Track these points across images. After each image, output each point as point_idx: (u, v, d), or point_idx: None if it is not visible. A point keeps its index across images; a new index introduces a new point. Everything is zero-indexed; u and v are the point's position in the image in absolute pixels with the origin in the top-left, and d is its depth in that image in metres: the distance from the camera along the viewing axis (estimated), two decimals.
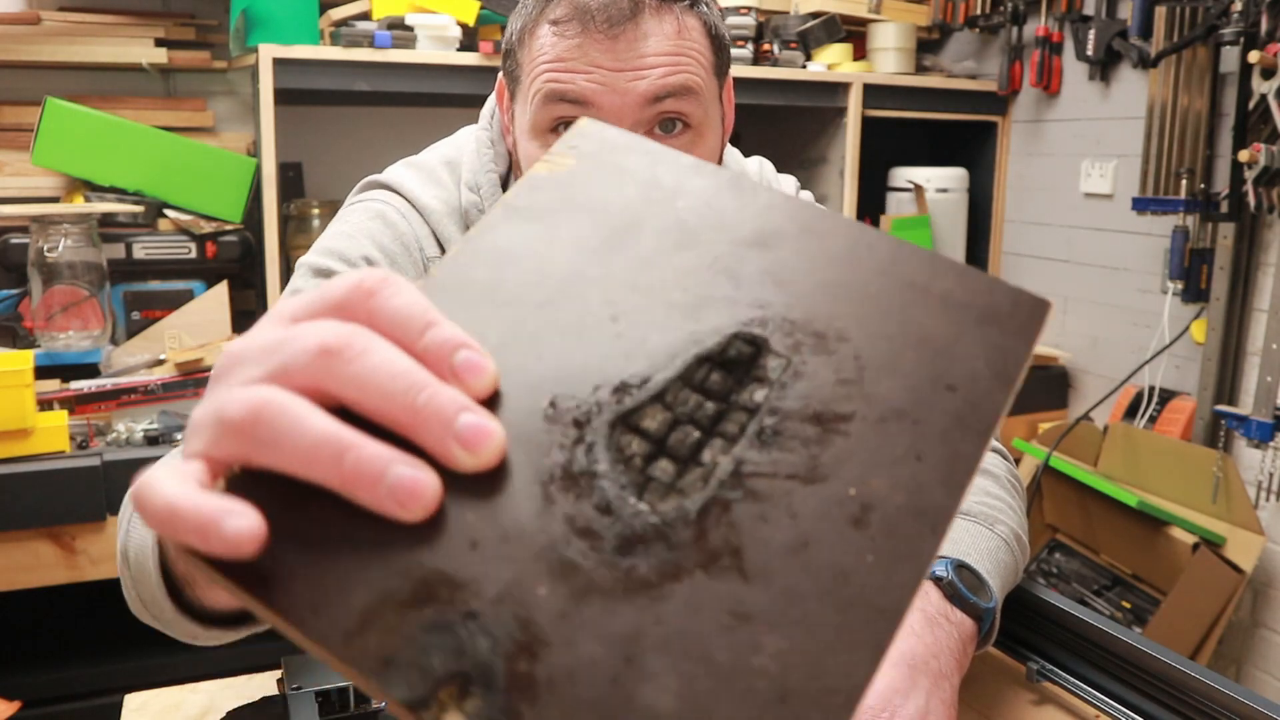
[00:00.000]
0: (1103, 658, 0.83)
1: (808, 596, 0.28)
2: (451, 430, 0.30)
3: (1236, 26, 2.00)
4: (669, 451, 0.31)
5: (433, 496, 0.29)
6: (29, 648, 1.99)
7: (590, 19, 0.77)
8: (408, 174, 0.94)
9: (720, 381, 0.33)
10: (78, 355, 1.91)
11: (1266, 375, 2.03)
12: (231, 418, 0.30)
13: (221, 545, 0.28)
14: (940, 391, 0.32)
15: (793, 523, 0.29)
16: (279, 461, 0.30)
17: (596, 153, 0.39)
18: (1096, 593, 2.17)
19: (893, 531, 0.29)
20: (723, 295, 0.35)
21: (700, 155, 0.84)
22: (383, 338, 0.31)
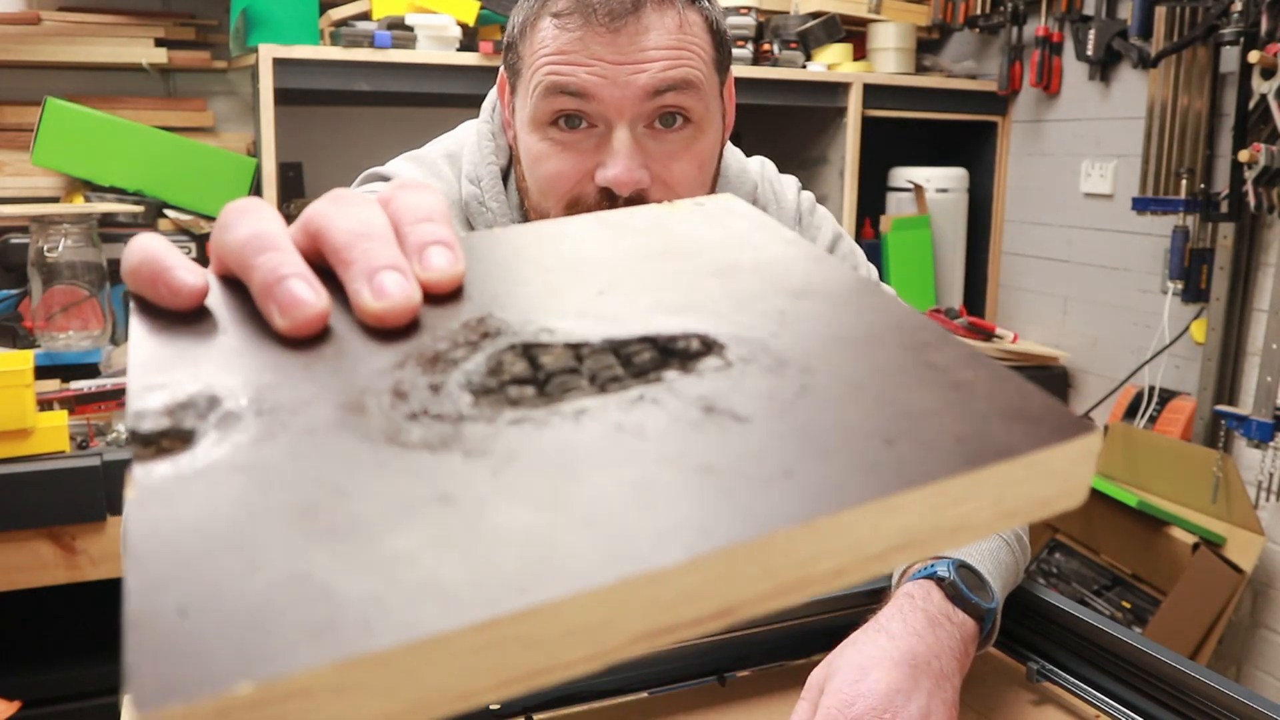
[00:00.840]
0: (1103, 658, 0.83)
1: (511, 511, 0.24)
2: (372, 276, 0.31)
3: (1236, 26, 2.00)
4: (544, 385, 0.30)
5: (308, 315, 0.30)
6: (29, 648, 1.99)
7: (592, 12, 0.78)
8: (408, 167, 0.94)
9: (648, 360, 0.31)
10: (78, 355, 1.91)
11: (1266, 375, 2.03)
12: (221, 211, 0.34)
13: (166, 290, 0.32)
14: (872, 440, 0.27)
15: (587, 455, 0.26)
16: (222, 248, 0.33)
17: (713, 212, 0.40)
18: (1096, 593, 2.17)
19: (689, 499, 0.25)
20: (717, 311, 0.33)
21: (700, 149, 0.84)
22: (383, 211, 0.34)
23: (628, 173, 0.79)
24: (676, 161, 0.82)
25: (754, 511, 0.24)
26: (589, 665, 0.23)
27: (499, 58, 2.19)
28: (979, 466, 0.26)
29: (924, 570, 0.79)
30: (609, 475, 0.25)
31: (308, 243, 0.33)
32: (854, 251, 1.04)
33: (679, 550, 0.23)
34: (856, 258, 1.03)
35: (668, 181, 0.82)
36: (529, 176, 0.85)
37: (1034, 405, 0.28)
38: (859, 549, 0.25)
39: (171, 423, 0.27)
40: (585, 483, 0.25)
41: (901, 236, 2.62)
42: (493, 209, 0.89)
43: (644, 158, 0.81)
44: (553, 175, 0.82)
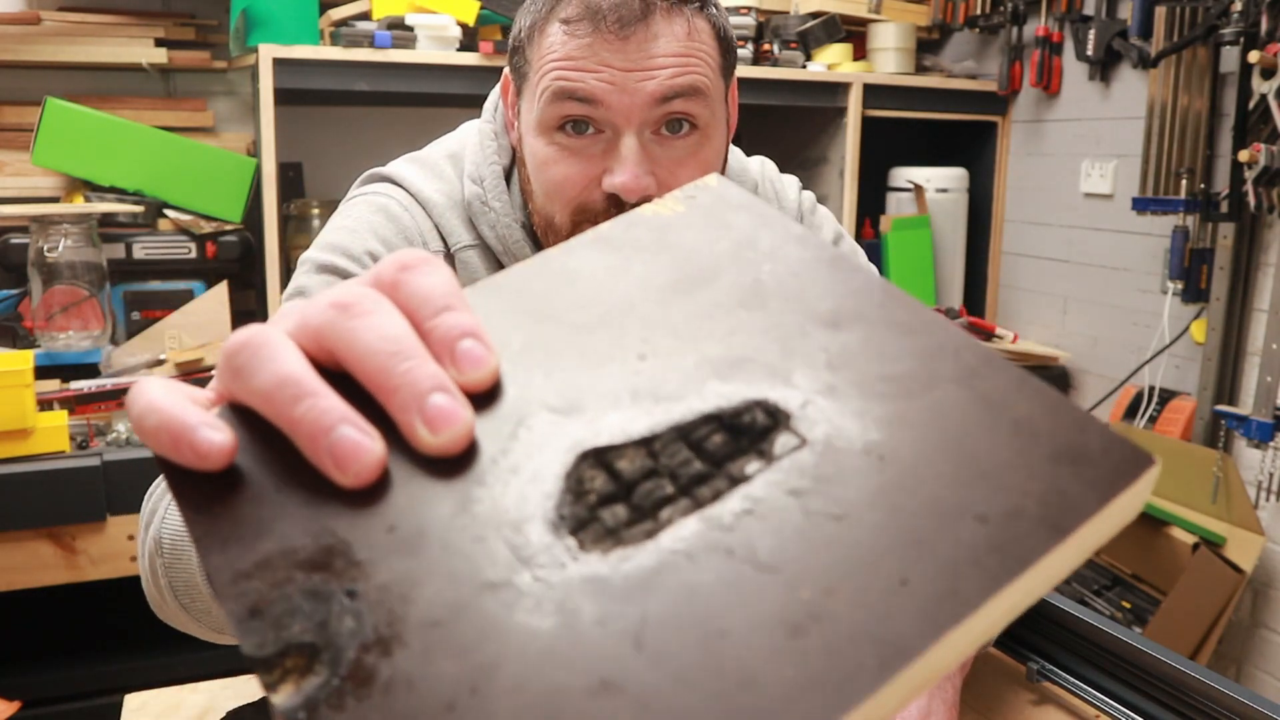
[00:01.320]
0: (1103, 658, 0.83)
1: (696, 688, 0.24)
2: (421, 404, 0.29)
3: (1236, 26, 2.00)
4: (631, 499, 0.29)
5: (370, 465, 0.29)
6: (29, 648, 1.99)
7: (601, 19, 0.77)
8: (410, 168, 0.94)
9: (720, 444, 0.30)
10: (78, 355, 1.91)
11: (1266, 375, 2.03)
12: (225, 347, 0.31)
13: (191, 453, 0.29)
14: (965, 520, 0.27)
15: (723, 607, 0.26)
16: (247, 393, 0.31)
17: (709, 206, 0.39)
18: (1096, 593, 2.17)
19: (831, 652, 0.25)
20: (765, 361, 0.32)
21: (706, 155, 0.84)
22: (396, 308, 0.32)
23: (635, 180, 0.79)
24: (683, 168, 0.82)
25: (889, 643, 0.25)
26: None
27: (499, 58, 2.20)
28: (1066, 535, 0.27)
29: None
30: (744, 619, 0.26)
31: (327, 359, 0.31)
32: (855, 251, 1.04)
33: (843, 705, 0.24)
34: (857, 257, 1.03)
35: (673, 188, 0.82)
36: (535, 180, 0.85)
37: (1094, 441, 0.29)
38: (974, 639, 0.26)
39: (284, 639, 0.26)
40: (728, 636, 0.25)
41: (901, 236, 2.62)
42: (495, 209, 0.89)
43: (651, 164, 0.81)
44: (560, 181, 0.82)
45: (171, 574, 0.63)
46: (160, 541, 0.64)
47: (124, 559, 1.74)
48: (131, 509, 1.72)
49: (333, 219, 0.92)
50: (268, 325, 0.32)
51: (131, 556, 1.74)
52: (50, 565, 1.70)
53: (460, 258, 0.90)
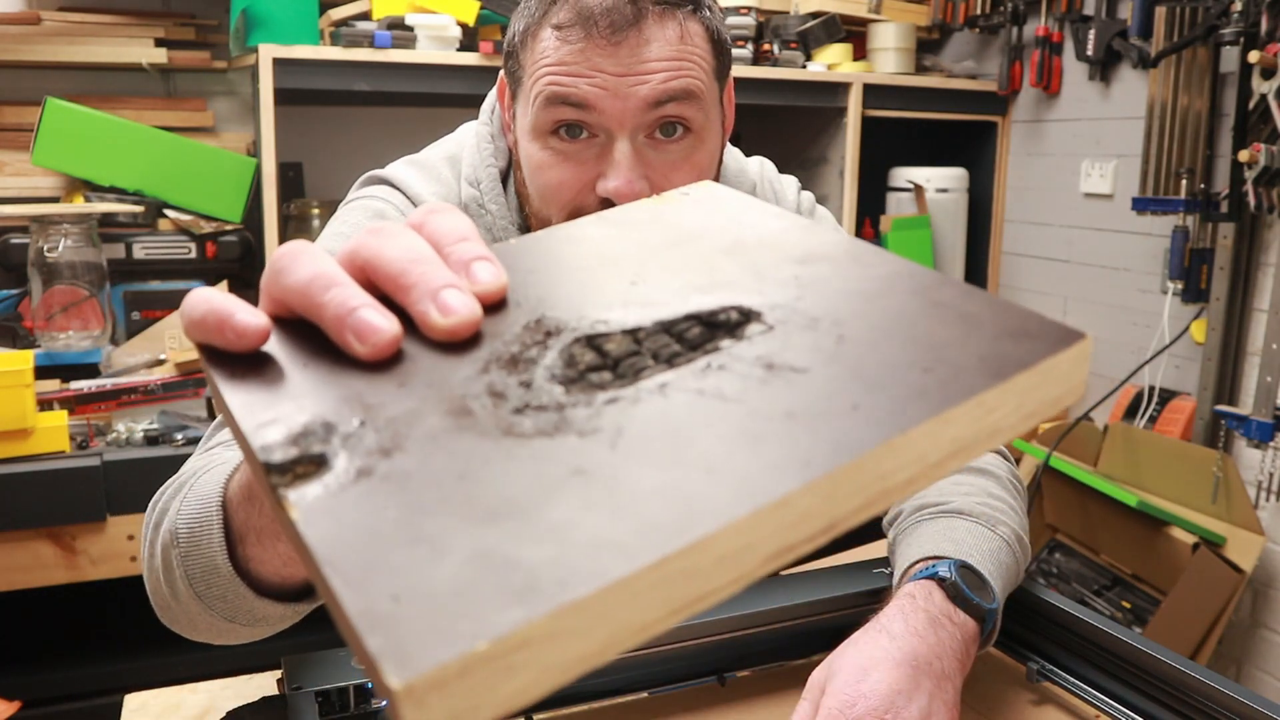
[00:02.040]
0: (1103, 658, 0.83)
1: (659, 471, 0.28)
2: (434, 295, 0.34)
3: (1236, 26, 2.00)
4: (615, 368, 0.33)
5: (387, 338, 0.33)
6: (29, 648, 1.99)
7: (593, 24, 0.78)
8: (408, 170, 0.94)
9: (699, 334, 0.35)
10: (78, 355, 1.91)
11: (1266, 375, 2.03)
12: (272, 256, 0.37)
13: (232, 333, 0.34)
14: (914, 370, 0.32)
15: (687, 419, 0.30)
16: (283, 290, 0.35)
17: (701, 199, 0.44)
18: (1096, 593, 2.17)
19: (787, 447, 0.29)
20: (742, 285, 0.37)
21: (700, 158, 0.84)
22: (420, 237, 0.37)
23: (628, 184, 0.79)
24: (676, 171, 0.82)
25: (840, 441, 0.29)
26: (736, 587, 0.27)
27: (499, 58, 2.19)
28: (1005, 378, 0.31)
29: (925, 571, 0.79)
30: (710, 432, 0.30)
31: (359, 275, 0.36)
32: None
33: (792, 480, 0.27)
34: None
35: (665, 190, 0.82)
36: (530, 184, 0.86)
37: (1033, 324, 0.33)
38: (923, 459, 0.30)
39: (299, 450, 0.30)
40: (693, 441, 0.29)
41: (901, 236, 2.62)
42: (492, 211, 0.89)
43: (644, 168, 0.81)
44: (554, 185, 0.83)
45: (188, 562, 0.64)
46: (176, 532, 0.65)
47: (124, 559, 1.74)
48: (131, 509, 1.72)
49: (330, 223, 0.92)
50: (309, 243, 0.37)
51: (132, 556, 1.74)
52: (50, 565, 1.70)
53: None
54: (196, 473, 0.68)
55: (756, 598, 0.87)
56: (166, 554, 0.66)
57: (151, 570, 0.71)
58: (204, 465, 0.71)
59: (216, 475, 0.63)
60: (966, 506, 0.87)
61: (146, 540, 0.72)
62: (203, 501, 0.62)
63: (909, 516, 0.90)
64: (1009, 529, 0.86)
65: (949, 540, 0.83)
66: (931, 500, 0.90)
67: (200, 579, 0.63)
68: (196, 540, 0.62)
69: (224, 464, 0.66)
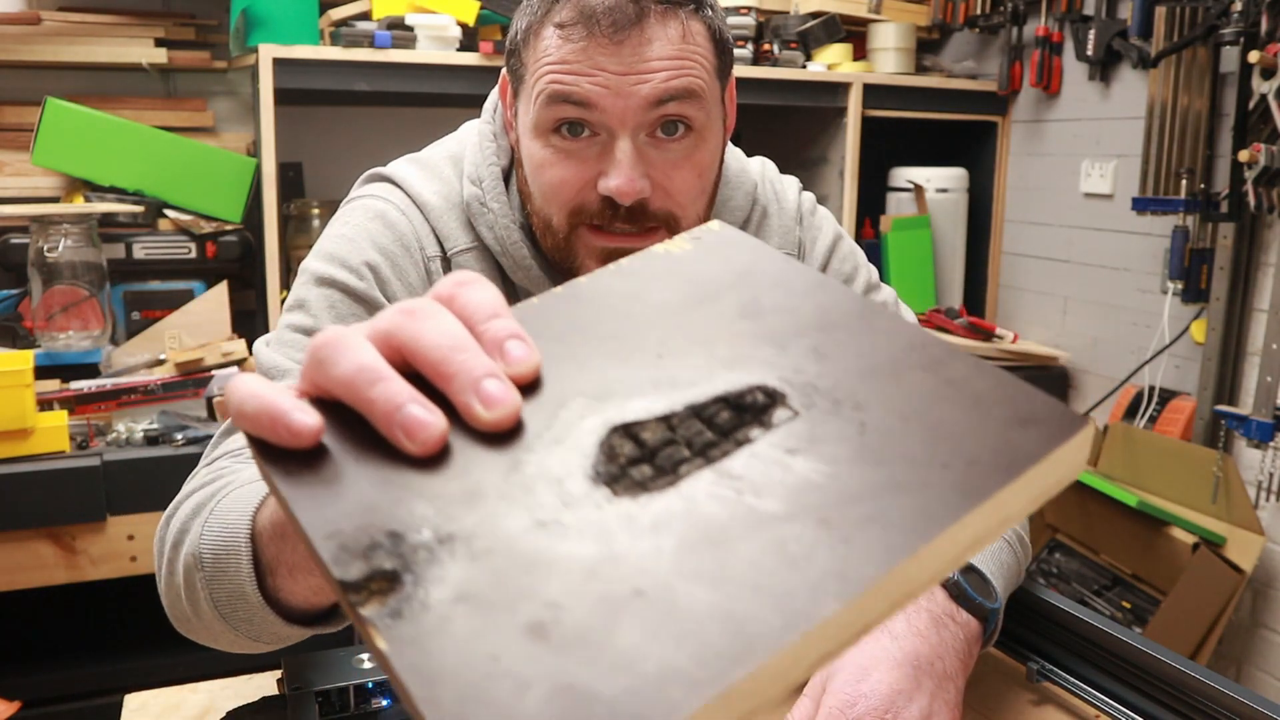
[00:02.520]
0: (1103, 658, 0.83)
1: (712, 590, 0.30)
2: (476, 387, 0.35)
3: (1236, 26, 2.00)
4: (654, 459, 0.35)
5: (435, 435, 0.35)
6: (29, 648, 1.99)
7: (595, 23, 0.78)
8: (410, 169, 0.94)
9: (728, 419, 0.36)
10: (78, 355, 1.91)
11: (1266, 375, 2.03)
12: (310, 345, 0.38)
13: (286, 433, 0.35)
14: (933, 468, 0.34)
15: (729, 524, 0.32)
16: (329, 380, 0.37)
17: (713, 244, 0.45)
18: (1096, 593, 2.17)
19: (829, 559, 0.31)
20: (763, 358, 0.39)
21: (701, 157, 0.84)
22: (453, 315, 0.38)
23: (629, 183, 0.80)
24: (677, 170, 0.82)
25: (872, 553, 0.31)
26: (785, 697, 0.30)
27: (499, 58, 2.19)
28: (1017, 474, 0.33)
29: None
30: (751, 541, 0.32)
31: (397, 357, 0.37)
32: (854, 252, 1.04)
33: (833, 601, 0.29)
34: (857, 258, 1.03)
35: (669, 190, 0.83)
36: (531, 182, 0.86)
37: (1040, 408, 0.35)
38: (946, 561, 0.32)
39: (370, 567, 0.32)
40: (736, 551, 0.31)
41: (901, 236, 2.62)
42: (494, 209, 0.89)
43: (646, 167, 0.81)
44: (556, 183, 0.83)
45: (213, 587, 0.64)
46: (200, 557, 0.65)
47: (124, 559, 1.74)
48: (131, 509, 1.73)
49: (332, 223, 0.92)
50: (344, 329, 0.38)
51: (132, 556, 1.74)
52: (50, 565, 1.70)
53: (456, 262, 0.90)
54: (216, 495, 0.68)
55: None
56: (190, 576, 0.67)
57: (171, 588, 0.71)
58: (219, 482, 0.71)
59: (241, 503, 0.63)
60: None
61: (164, 558, 0.72)
62: (229, 531, 0.62)
63: None
64: (1011, 531, 0.86)
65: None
66: None
67: (226, 603, 0.64)
68: (223, 568, 0.63)
69: (243, 486, 0.67)
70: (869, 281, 1.03)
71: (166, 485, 1.77)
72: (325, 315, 0.85)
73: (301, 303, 0.86)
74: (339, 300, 0.85)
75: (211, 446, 0.82)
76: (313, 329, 0.84)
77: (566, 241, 0.85)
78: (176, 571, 0.69)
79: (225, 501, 0.65)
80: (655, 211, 0.83)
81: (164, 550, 0.72)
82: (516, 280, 0.91)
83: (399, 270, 0.88)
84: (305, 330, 0.84)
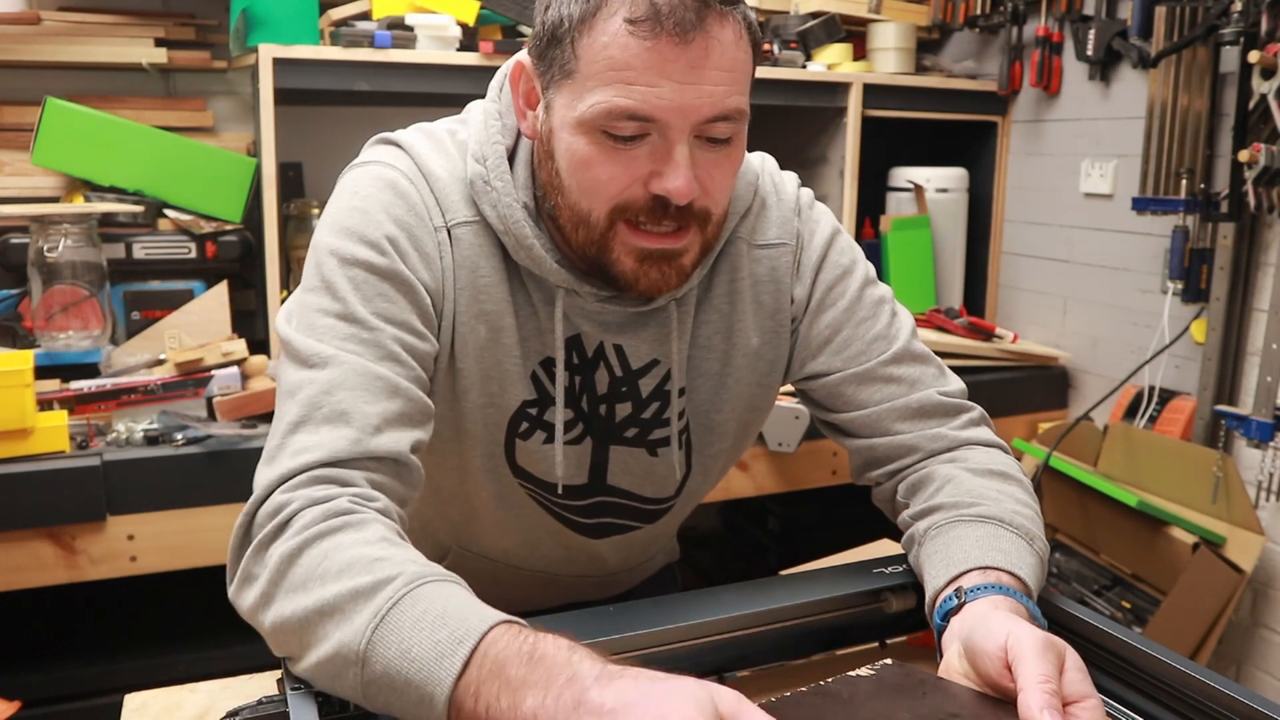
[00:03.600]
0: (1103, 658, 0.83)
1: None
2: None
3: (1236, 26, 2.00)
4: None
5: None
6: (29, 648, 1.99)
7: (661, 21, 0.78)
8: (419, 138, 0.94)
9: None
10: (78, 355, 1.91)
11: (1266, 375, 2.03)
12: None
13: None
14: None
15: None
16: None
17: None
18: (1096, 593, 2.17)
19: None
20: None
21: (737, 158, 0.89)
22: None
23: (688, 184, 0.82)
24: (719, 169, 0.86)
25: None
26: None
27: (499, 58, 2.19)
28: None
29: (1002, 588, 0.81)
30: None
31: None
32: (852, 247, 1.04)
33: None
34: (854, 253, 1.04)
35: (709, 189, 0.86)
36: (569, 176, 0.85)
37: None
38: None
39: None
40: None
41: (901, 236, 2.62)
42: (497, 188, 0.90)
43: (696, 169, 0.84)
44: (604, 180, 0.84)
45: (372, 691, 0.67)
46: (367, 660, 0.67)
47: (124, 559, 1.74)
48: (131, 509, 1.72)
49: (342, 189, 0.92)
50: None
51: (131, 556, 1.74)
52: (50, 565, 1.70)
53: (456, 233, 0.90)
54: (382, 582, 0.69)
55: (756, 598, 0.87)
56: (333, 653, 0.68)
57: (273, 587, 0.73)
58: (374, 551, 0.72)
59: (437, 641, 0.65)
60: (1004, 515, 0.89)
61: (262, 568, 0.74)
62: (423, 676, 0.65)
63: (946, 514, 0.90)
64: (1041, 544, 0.89)
65: (1000, 552, 0.84)
66: (965, 500, 0.91)
67: (380, 704, 0.68)
68: (399, 694, 0.66)
69: (420, 583, 0.69)
70: (865, 277, 1.03)
71: (167, 485, 1.78)
72: (352, 296, 0.85)
73: (328, 283, 0.85)
74: (364, 280, 0.85)
75: (287, 432, 0.80)
76: (343, 313, 0.84)
77: (603, 236, 0.86)
78: (285, 602, 0.72)
79: (412, 613, 0.67)
80: (697, 210, 0.86)
81: (272, 549, 0.74)
82: (518, 259, 0.91)
83: (415, 240, 0.89)
84: (337, 314, 0.84)
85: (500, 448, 0.97)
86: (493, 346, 0.93)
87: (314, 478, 0.77)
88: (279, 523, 0.75)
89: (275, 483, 0.77)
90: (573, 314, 0.93)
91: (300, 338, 0.84)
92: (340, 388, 0.80)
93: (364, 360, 0.82)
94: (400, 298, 0.86)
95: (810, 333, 1.01)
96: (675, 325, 0.96)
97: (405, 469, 0.83)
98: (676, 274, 0.88)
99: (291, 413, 0.81)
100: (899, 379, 1.00)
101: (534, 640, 0.65)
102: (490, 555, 1.09)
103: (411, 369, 0.85)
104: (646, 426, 0.99)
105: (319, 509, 0.75)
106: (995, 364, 2.47)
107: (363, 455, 0.79)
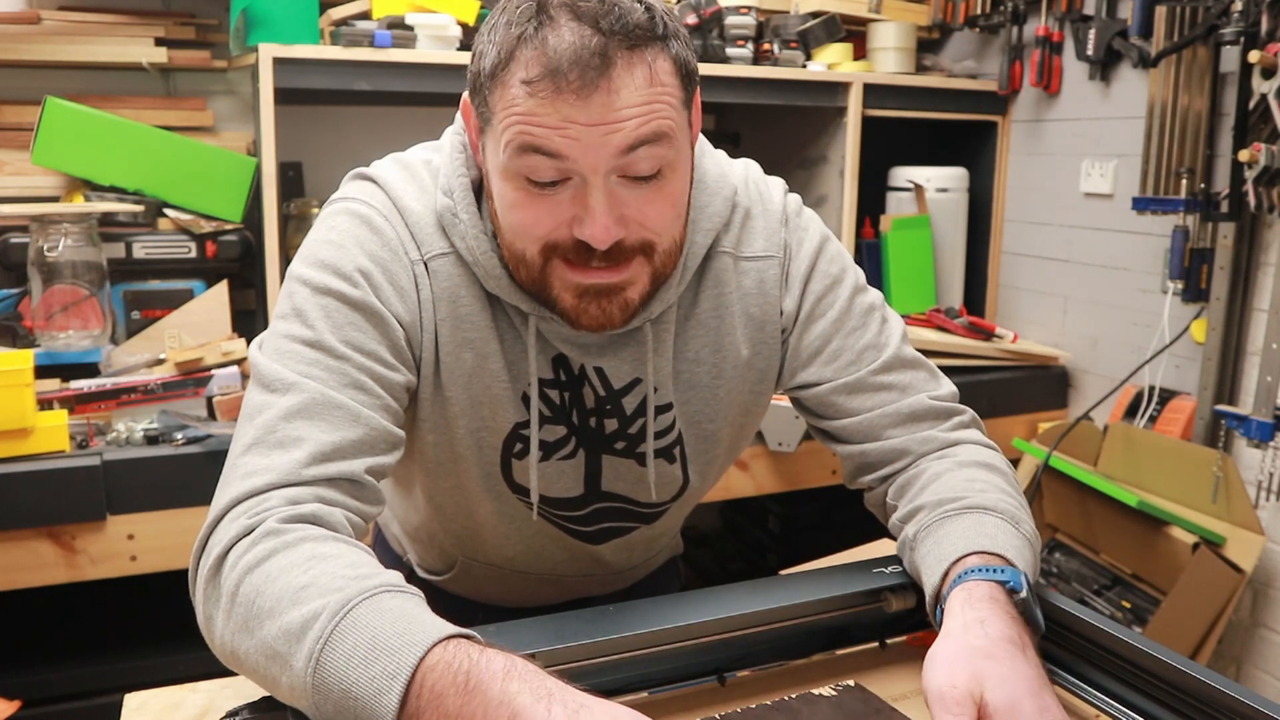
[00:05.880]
0: (1103, 658, 0.83)
1: None
2: None
3: (1236, 26, 2.00)
4: None
5: None
6: (29, 648, 1.99)
7: (562, 77, 0.77)
8: (394, 171, 0.94)
9: None
10: (78, 355, 1.91)
11: (1266, 375, 2.03)
12: None
13: None
14: None
15: None
16: None
17: None
18: (1096, 593, 2.17)
19: None
20: None
21: (673, 188, 0.85)
22: None
23: (605, 230, 0.81)
24: (651, 205, 0.83)
25: None
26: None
27: None
28: None
29: (988, 571, 0.82)
30: None
31: None
32: (841, 254, 1.04)
33: None
34: (844, 260, 1.03)
35: (643, 223, 0.84)
36: (501, 218, 0.86)
37: None
38: None
39: None
40: None
41: (901, 236, 2.62)
42: (464, 220, 0.90)
43: (620, 208, 0.82)
44: (529, 223, 0.83)
45: (321, 702, 0.66)
46: (315, 688, 0.66)
47: (124, 558, 1.74)
48: (131, 508, 1.72)
49: (318, 225, 0.93)
50: None
51: (131, 556, 1.74)
52: (50, 565, 1.70)
53: (433, 266, 0.91)
54: (321, 610, 0.68)
55: (756, 598, 0.87)
56: (291, 684, 0.68)
57: (227, 628, 0.73)
58: (309, 573, 0.71)
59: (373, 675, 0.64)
60: (990, 503, 0.89)
61: (217, 592, 0.74)
62: (364, 708, 0.64)
63: (931, 512, 0.91)
64: (1029, 526, 0.89)
65: (985, 536, 0.85)
66: (949, 495, 0.91)
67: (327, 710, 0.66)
68: (345, 713, 0.65)
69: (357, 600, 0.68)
70: (855, 285, 1.02)
71: (167, 485, 1.77)
72: (323, 324, 0.85)
73: (299, 311, 0.86)
74: (335, 309, 0.86)
75: (241, 452, 0.81)
76: (312, 340, 0.84)
77: (541, 274, 0.86)
78: (238, 644, 0.72)
79: (344, 648, 0.66)
80: (630, 246, 0.84)
81: (217, 585, 0.74)
82: (489, 288, 0.91)
83: (389, 274, 0.89)
84: (305, 341, 0.84)
85: (497, 468, 0.98)
86: (480, 373, 0.93)
87: (256, 503, 0.77)
88: (216, 557, 0.75)
89: (224, 509, 0.77)
90: (552, 338, 0.93)
91: (266, 362, 0.84)
92: (298, 415, 0.80)
93: (325, 388, 0.82)
94: (371, 328, 0.86)
95: (800, 343, 1.01)
96: (651, 345, 0.95)
97: (360, 488, 0.82)
98: (620, 308, 0.87)
99: (247, 435, 0.81)
100: (890, 386, 1.00)
101: (468, 666, 0.64)
102: (496, 563, 1.10)
103: (378, 398, 0.85)
104: (634, 440, 0.99)
105: (246, 540, 0.74)
106: (995, 364, 2.47)
107: (314, 479, 0.79)
